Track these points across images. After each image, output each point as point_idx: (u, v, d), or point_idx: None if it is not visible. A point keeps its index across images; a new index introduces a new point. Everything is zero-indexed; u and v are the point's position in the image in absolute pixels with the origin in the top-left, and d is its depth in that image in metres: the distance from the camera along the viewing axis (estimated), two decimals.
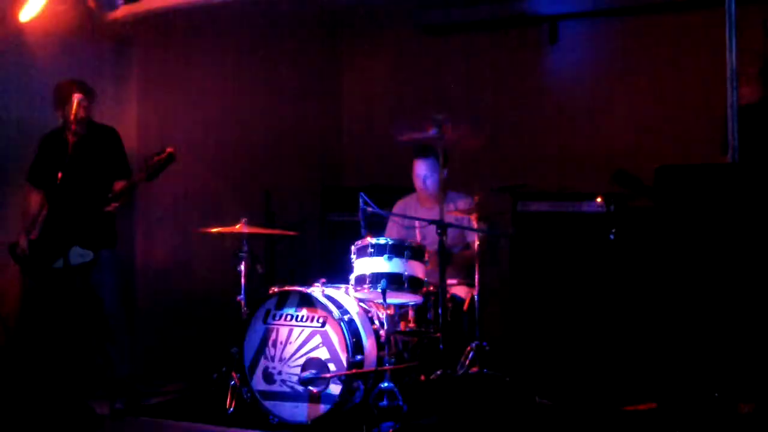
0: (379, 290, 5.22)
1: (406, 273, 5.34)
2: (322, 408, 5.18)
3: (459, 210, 6.02)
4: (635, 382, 5.61)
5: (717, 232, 4.76)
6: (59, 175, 5.48)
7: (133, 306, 6.68)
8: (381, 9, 8.31)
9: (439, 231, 5.46)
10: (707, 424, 4.70)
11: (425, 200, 6.29)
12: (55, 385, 5.44)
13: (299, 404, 5.24)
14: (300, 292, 5.39)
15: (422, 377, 5.58)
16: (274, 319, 5.41)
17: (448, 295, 5.69)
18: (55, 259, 5.64)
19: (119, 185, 5.85)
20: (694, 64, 7.10)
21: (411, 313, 5.57)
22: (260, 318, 5.43)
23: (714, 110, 5.58)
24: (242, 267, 5.75)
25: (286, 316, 5.38)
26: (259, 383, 5.36)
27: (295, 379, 5.25)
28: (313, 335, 5.29)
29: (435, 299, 5.57)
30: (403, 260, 5.36)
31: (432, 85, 8.28)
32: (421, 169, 6.22)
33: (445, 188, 6.11)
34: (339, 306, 5.32)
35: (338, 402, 5.14)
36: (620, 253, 6.29)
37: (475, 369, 5.81)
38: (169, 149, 5.65)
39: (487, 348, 5.89)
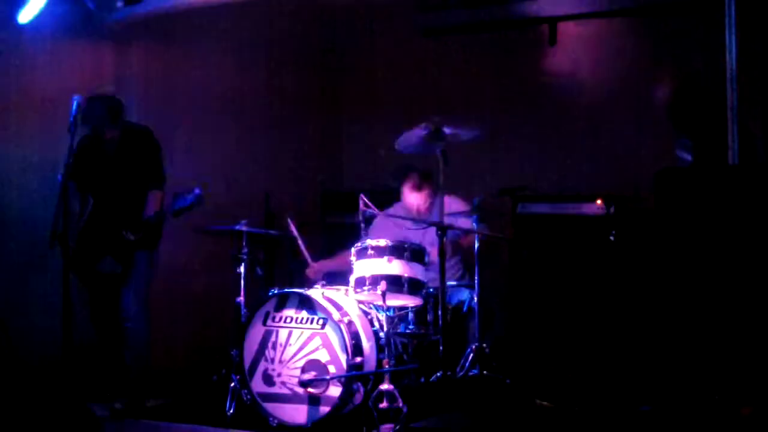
0: (378, 292, 5.22)
1: (405, 275, 5.34)
2: (322, 410, 5.18)
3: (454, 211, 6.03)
4: (636, 385, 5.60)
5: (716, 235, 4.76)
6: (97, 177, 5.72)
7: None
8: (380, 10, 8.31)
9: (438, 232, 5.47)
10: (708, 426, 4.70)
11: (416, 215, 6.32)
12: (55, 386, 5.43)
13: (299, 406, 5.24)
14: (300, 294, 5.39)
15: (422, 379, 5.57)
16: (273, 321, 5.40)
17: (447, 297, 5.69)
18: (96, 262, 5.69)
19: (154, 197, 5.84)
20: (694, 65, 7.09)
21: (411, 315, 5.57)
22: (260, 320, 5.42)
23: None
24: (242, 269, 5.76)
25: (286, 318, 5.38)
26: (258, 385, 5.35)
27: (294, 381, 5.25)
28: (313, 337, 5.28)
29: (435, 301, 5.57)
30: (403, 262, 5.36)
31: (431, 86, 8.27)
32: (417, 200, 6.26)
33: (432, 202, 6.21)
34: (339, 308, 5.31)
35: (338, 404, 5.14)
36: (620, 256, 6.29)
37: (474, 371, 5.81)
38: (197, 191, 5.63)
39: (487, 350, 5.89)
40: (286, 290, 5.46)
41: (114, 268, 5.72)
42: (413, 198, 6.27)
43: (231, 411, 5.36)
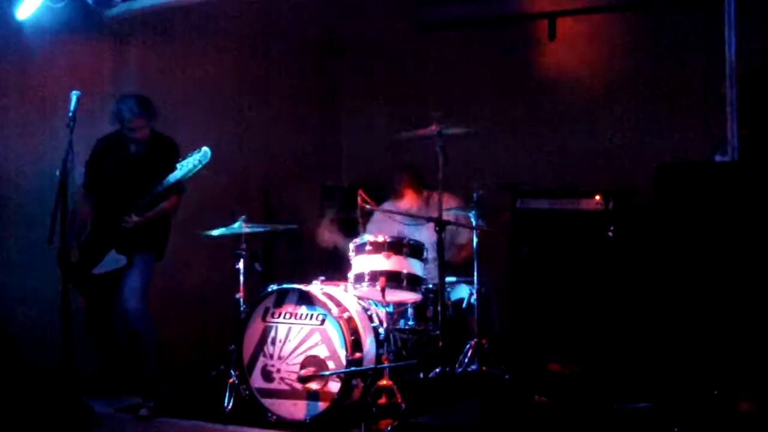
0: (377, 288, 5.22)
1: (404, 271, 5.34)
2: (321, 406, 5.18)
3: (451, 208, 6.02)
4: (634, 380, 5.60)
5: (716, 230, 4.76)
6: (113, 178, 5.72)
7: None
8: (379, 6, 8.30)
9: (437, 229, 5.47)
10: (706, 422, 4.70)
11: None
12: (55, 384, 5.43)
13: (298, 402, 5.24)
14: (299, 290, 5.39)
15: (421, 375, 5.58)
16: (272, 316, 5.40)
17: (446, 293, 5.69)
18: (94, 264, 5.68)
19: (169, 199, 5.83)
20: (693, 61, 7.09)
21: (410, 311, 5.58)
22: (259, 316, 5.43)
23: (712, 108, 5.57)
24: (241, 265, 5.75)
25: (285, 313, 5.38)
26: (257, 381, 5.36)
27: (293, 376, 5.25)
28: (312, 333, 5.28)
29: (434, 297, 5.57)
30: (402, 258, 5.36)
31: (430, 82, 8.27)
32: (403, 205, 6.28)
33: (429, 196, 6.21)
34: (338, 303, 5.31)
35: (337, 400, 5.14)
36: (619, 251, 6.29)
37: (474, 367, 5.81)
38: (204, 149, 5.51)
39: (486, 346, 5.89)
40: (286, 286, 5.46)
41: (118, 262, 5.71)
42: (400, 202, 6.29)
43: (229, 406, 5.37)
